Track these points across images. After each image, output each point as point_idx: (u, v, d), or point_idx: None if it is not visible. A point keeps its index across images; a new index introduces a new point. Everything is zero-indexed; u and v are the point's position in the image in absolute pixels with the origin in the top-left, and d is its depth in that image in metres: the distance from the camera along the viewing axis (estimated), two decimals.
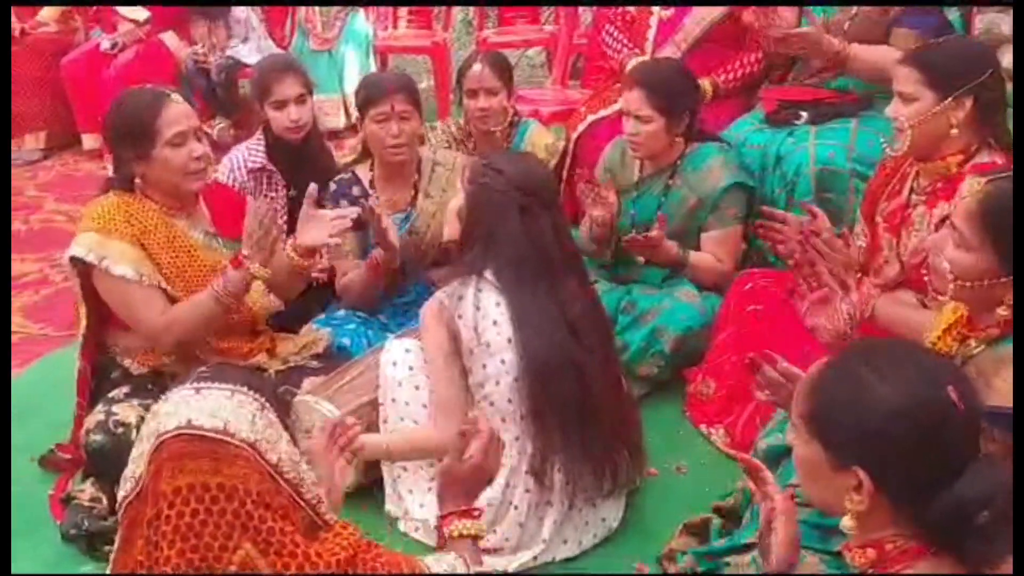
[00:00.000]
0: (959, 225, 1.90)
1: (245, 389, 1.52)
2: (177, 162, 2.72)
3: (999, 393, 1.75)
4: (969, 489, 1.28)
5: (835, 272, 2.30)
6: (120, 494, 1.54)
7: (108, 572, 1.59)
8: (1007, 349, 1.84)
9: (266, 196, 2.77)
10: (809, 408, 1.40)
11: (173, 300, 2.75)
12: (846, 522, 1.36)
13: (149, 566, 1.46)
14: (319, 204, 3.32)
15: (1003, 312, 1.86)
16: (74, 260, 2.71)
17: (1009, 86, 4.91)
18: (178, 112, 2.74)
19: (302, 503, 1.54)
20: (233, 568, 1.43)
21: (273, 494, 1.47)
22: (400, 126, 3.23)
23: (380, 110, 3.23)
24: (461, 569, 1.76)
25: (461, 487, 1.86)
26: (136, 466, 1.51)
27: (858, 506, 1.34)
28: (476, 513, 1.86)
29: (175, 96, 2.79)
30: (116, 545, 1.54)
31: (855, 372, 1.37)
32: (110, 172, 5.41)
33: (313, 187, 2.91)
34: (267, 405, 1.53)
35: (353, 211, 2.96)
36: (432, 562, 1.75)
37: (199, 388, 1.51)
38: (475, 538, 1.83)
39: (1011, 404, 1.70)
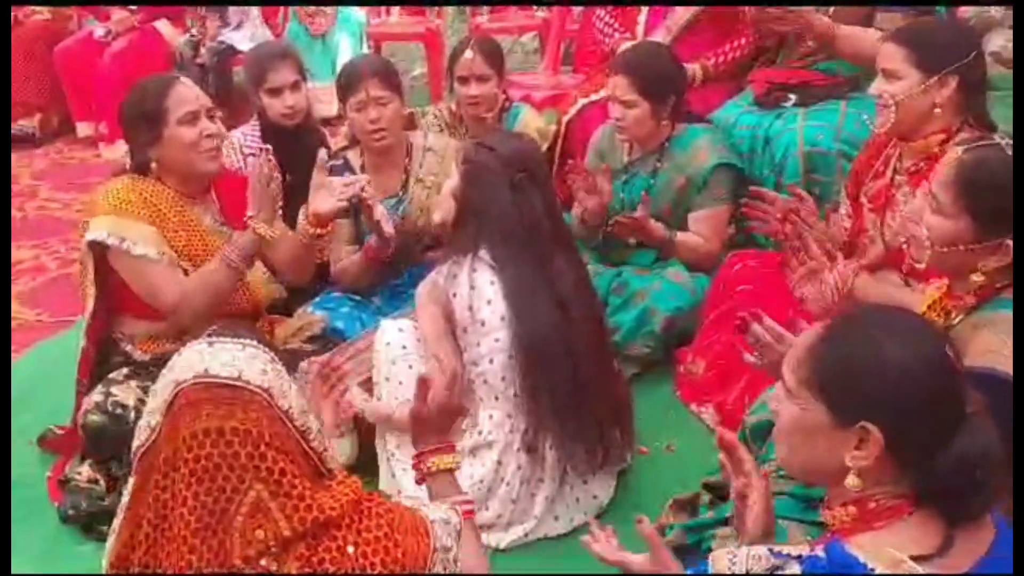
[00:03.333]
0: (936, 192, 1.93)
1: (256, 343, 1.60)
2: (188, 139, 2.74)
3: (974, 353, 1.79)
4: (970, 444, 1.32)
5: (821, 244, 2.33)
6: (134, 444, 1.59)
7: (113, 528, 1.64)
8: (983, 315, 1.88)
9: (264, 151, 2.80)
10: (813, 370, 1.41)
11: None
12: (851, 479, 1.37)
13: (160, 510, 1.52)
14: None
15: (977, 279, 1.89)
16: (92, 244, 2.72)
17: (1001, 70, 4.97)
18: (187, 92, 2.78)
19: (309, 450, 1.61)
20: (244, 510, 1.50)
21: (284, 438, 1.55)
22: (378, 111, 3.24)
23: (357, 98, 3.24)
24: (455, 519, 1.83)
25: (432, 426, 1.94)
26: (152, 417, 1.57)
27: (860, 462, 1.36)
28: (450, 449, 1.94)
29: (184, 79, 2.85)
30: (128, 494, 1.60)
31: (861, 331, 1.39)
32: (105, 158, 5.52)
33: (323, 154, 2.94)
34: (275, 359, 1.61)
35: (363, 178, 2.99)
36: (430, 511, 1.82)
37: (212, 342, 1.58)
38: (451, 471, 1.93)
39: (988, 364, 1.75)
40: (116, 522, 1.62)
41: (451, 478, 1.93)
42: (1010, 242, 1.84)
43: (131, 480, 1.60)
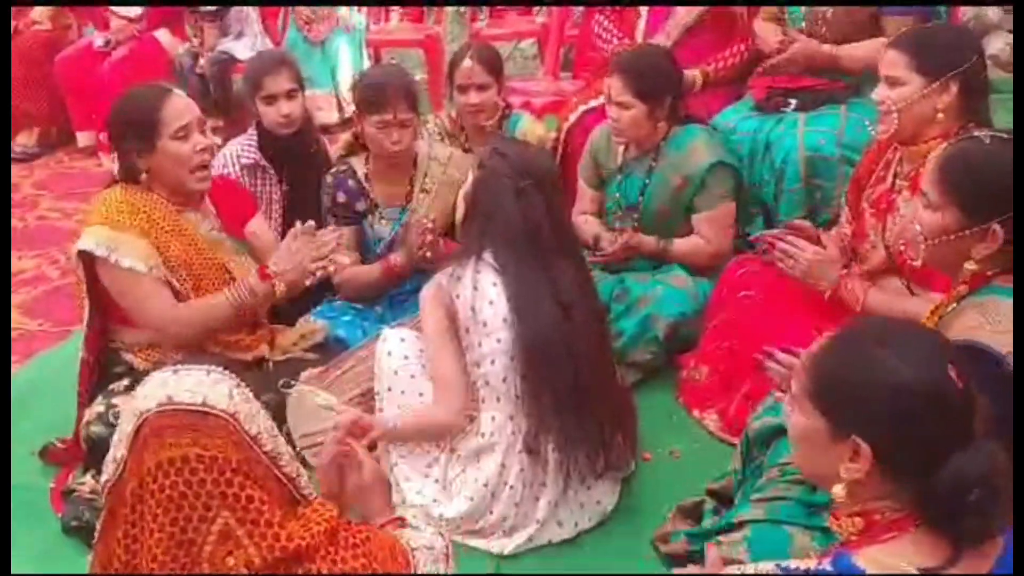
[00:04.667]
0: (924, 187, 1.99)
1: (220, 370, 1.57)
2: (182, 154, 2.74)
3: (956, 331, 1.83)
4: (966, 465, 1.31)
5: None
6: (103, 478, 1.56)
7: (87, 561, 1.61)
8: (970, 301, 1.91)
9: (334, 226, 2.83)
10: (811, 381, 1.42)
11: (177, 293, 2.78)
12: (837, 490, 1.39)
13: (130, 545, 1.48)
14: (317, 196, 3.37)
15: (969, 266, 1.93)
16: (81, 253, 2.72)
17: (1000, 73, 4.98)
18: (181, 105, 2.77)
19: (280, 476, 1.56)
20: (212, 539, 1.46)
21: (252, 464, 1.50)
22: (400, 133, 3.26)
23: (382, 117, 3.24)
24: (440, 544, 1.81)
25: (377, 502, 1.90)
26: (118, 449, 1.53)
27: (853, 475, 1.36)
28: (403, 522, 1.90)
29: (177, 91, 2.83)
30: (99, 527, 1.56)
31: (860, 345, 1.39)
32: (106, 167, 5.51)
33: (297, 227, 2.90)
34: (242, 384, 1.57)
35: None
36: (413, 537, 1.79)
37: (176, 370, 1.55)
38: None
39: (969, 338, 1.79)
40: (88, 558, 1.59)
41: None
42: (997, 227, 1.88)
43: (101, 515, 1.57)
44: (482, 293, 2.53)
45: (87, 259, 2.73)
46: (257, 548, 1.48)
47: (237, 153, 3.53)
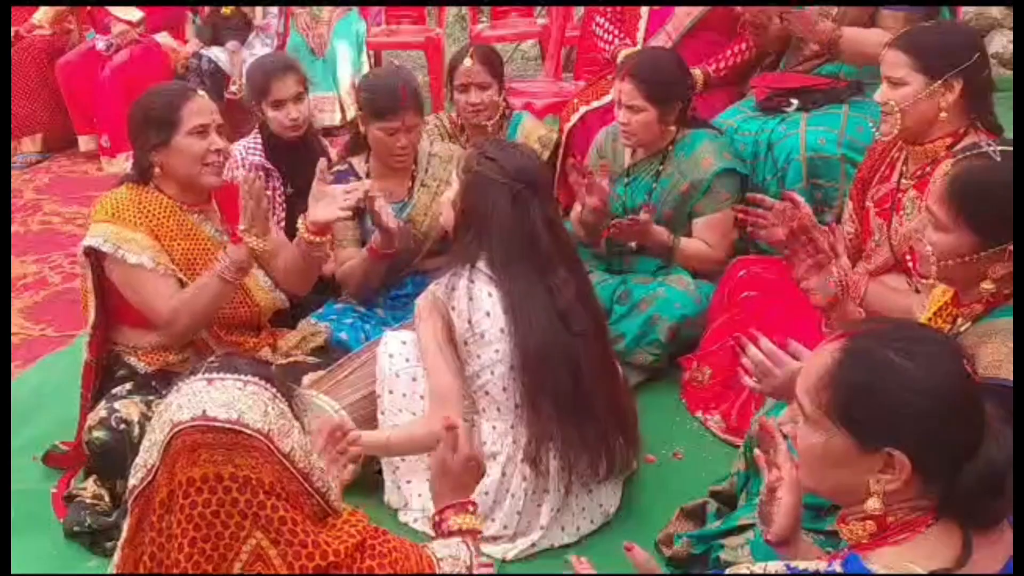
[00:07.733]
0: (932, 208, 1.92)
1: (257, 379, 1.54)
2: (196, 151, 2.75)
3: (983, 364, 1.78)
4: (995, 454, 1.31)
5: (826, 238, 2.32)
6: (131, 483, 1.55)
7: (113, 563, 1.61)
8: (991, 323, 1.86)
9: (254, 167, 2.75)
10: (834, 398, 1.38)
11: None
12: (872, 503, 1.35)
13: (159, 557, 1.48)
14: None
15: (987, 286, 1.87)
16: (88, 250, 2.72)
17: (1002, 71, 4.97)
18: (202, 105, 2.80)
19: (312, 491, 1.56)
20: (244, 557, 1.46)
21: (285, 483, 1.50)
22: (408, 138, 3.28)
23: (390, 124, 3.25)
24: (464, 554, 1.80)
25: (455, 480, 1.90)
26: (149, 455, 1.52)
27: (888, 485, 1.34)
28: (472, 507, 1.90)
29: (201, 92, 2.87)
30: (125, 534, 1.56)
31: (880, 355, 1.36)
32: (108, 171, 5.51)
33: (323, 163, 2.94)
34: (278, 395, 1.55)
35: (363, 184, 2.97)
36: (438, 547, 1.79)
37: (212, 379, 1.52)
38: (473, 532, 1.87)
39: (997, 375, 1.74)
40: (116, 556, 1.59)
41: (472, 540, 1.87)
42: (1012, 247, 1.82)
43: (128, 518, 1.56)
44: (477, 304, 2.51)
45: (94, 255, 2.74)
46: (289, 568, 1.48)
47: (242, 155, 3.53)
